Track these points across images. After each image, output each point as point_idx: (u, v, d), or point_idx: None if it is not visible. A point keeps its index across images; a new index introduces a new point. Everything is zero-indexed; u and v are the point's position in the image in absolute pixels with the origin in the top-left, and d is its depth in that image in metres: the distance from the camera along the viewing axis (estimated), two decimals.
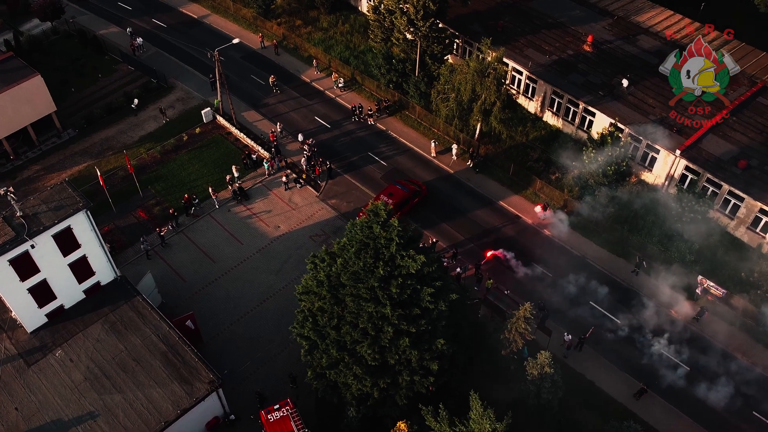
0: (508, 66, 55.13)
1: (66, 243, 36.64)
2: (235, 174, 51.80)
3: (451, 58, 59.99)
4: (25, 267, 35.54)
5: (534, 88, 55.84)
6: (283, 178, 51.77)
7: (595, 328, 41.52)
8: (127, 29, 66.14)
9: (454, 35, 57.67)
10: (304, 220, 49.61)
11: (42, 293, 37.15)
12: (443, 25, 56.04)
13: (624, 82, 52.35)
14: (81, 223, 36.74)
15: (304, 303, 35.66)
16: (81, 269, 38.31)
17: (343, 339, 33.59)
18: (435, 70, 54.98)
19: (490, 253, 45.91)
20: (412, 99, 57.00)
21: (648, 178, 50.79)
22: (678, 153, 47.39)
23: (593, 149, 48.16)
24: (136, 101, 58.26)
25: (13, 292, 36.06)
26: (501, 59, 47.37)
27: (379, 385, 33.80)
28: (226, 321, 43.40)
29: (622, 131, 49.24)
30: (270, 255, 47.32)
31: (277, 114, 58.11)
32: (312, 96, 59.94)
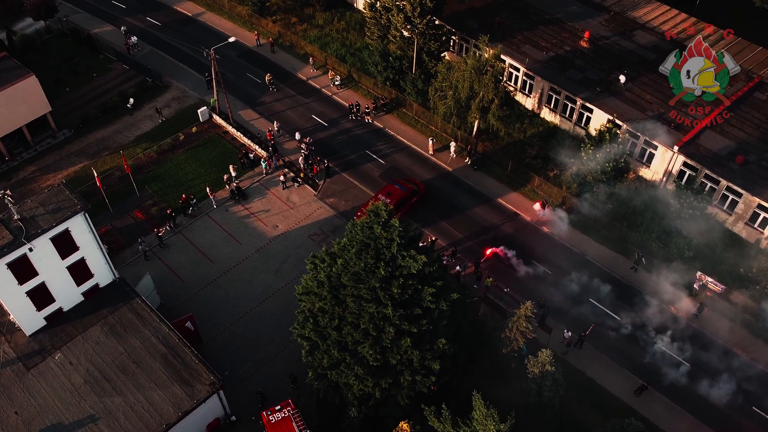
0: (505, 63, 55.04)
1: (64, 245, 36.40)
2: (233, 173, 51.59)
3: (448, 54, 59.84)
4: (24, 270, 35.32)
5: (531, 84, 55.75)
6: (281, 177, 51.59)
7: (595, 325, 41.54)
8: (122, 28, 65.73)
9: (450, 32, 57.48)
10: (302, 219, 49.46)
11: (40, 296, 36.94)
12: (440, 22, 55.91)
13: (621, 78, 52.31)
14: (79, 226, 36.51)
15: (304, 303, 35.56)
16: (79, 272, 38.09)
17: (345, 339, 33.53)
18: (432, 67, 54.81)
19: (489, 251, 45.88)
20: (409, 96, 56.82)
21: (646, 174, 50.82)
22: (676, 149, 47.42)
23: (591, 146, 48.18)
24: (131, 101, 57.90)
25: (12, 295, 35.82)
26: (499, 56, 47.24)
27: (381, 385, 33.77)
28: (225, 321, 43.26)
29: (619, 128, 49.24)
30: (269, 255, 47.16)
31: (274, 112, 57.86)
32: (308, 94, 59.70)
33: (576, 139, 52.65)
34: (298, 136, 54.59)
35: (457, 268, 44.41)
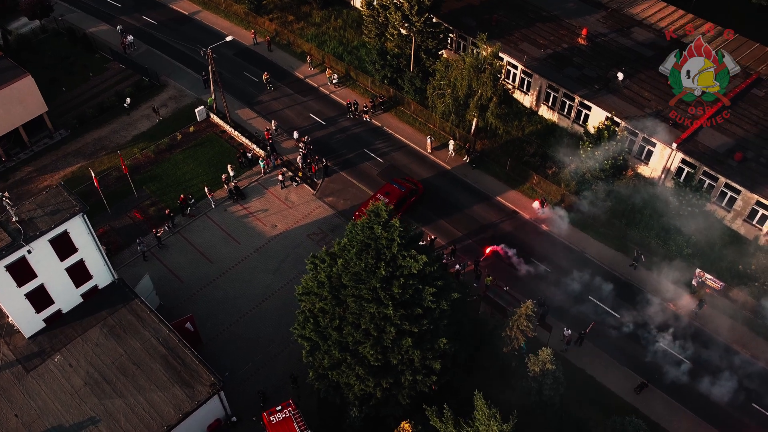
0: (503, 60, 54.92)
1: (63, 247, 36.25)
2: (231, 173, 51.43)
3: (446, 52, 59.71)
4: (22, 272, 35.16)
5: (529, 82, 55.70)
6: (279, 176, 51.45)
7: (595, 323, 41.57)
8: (117, 27, 65.38)
9: (448, 30, 57.37)
10: (301, 218, 49.36)
11: (39, 298, 36.78)
12: (437, 20, 55.77)
13: (619, 75, 52.31)
14: (77, 227, 36.35)
15: (304, 304, 35.50)
16: (78, 273, 37.94)
17: (345, 340, 33.49)
18: (430, 65, 54.72)
19: (489, 250, 45.86)
20: (407, 95, 56.71)
21: (644, 171, 50.84)
22: (674, 146, 47.45)
23: (590, 143, 48.15)
24: (128, 100, 57.62)
25: (10, 297, 35.66)
26: (497, 54, 47.16)
27: (382, 385, 33.75)
28: (225, 322, 43.17)
29: (618, 125, 49.25)
30: (267, 254, 47.06)
31: (272, 111, 57.68)
32: (306, 93, 59.52)
33: (574, 137, 52.61)
34: (296, 135, 54.43)
35: (457, 266, 44.39)
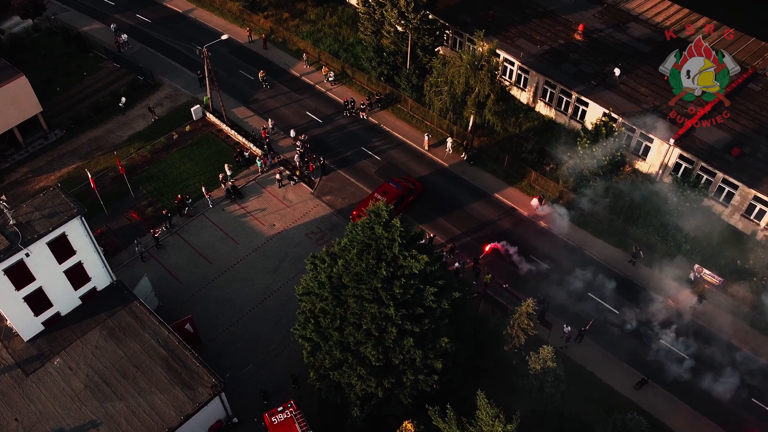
0: (499, 57, 54.85)
1: (61, 250, 36.07)
2: (228, 172, 51.20)
3: (442, 49, 59.51)
4: (20, 276, 34.98)
5: (526, 78, 55.61)
6: (277, 175, 51.25)
7: (595, 320, 41.63)
8: (111, 25, 64.92)
9: (444, 26, 57.18)
10: (299, 217, 49.21)
11: (38, 301, 36.62)
12: (433, 17, 55.57)
13: (616, 71, 52.27)
14: (75, 230, 36.17)
15: (304, 304, 35.41)
16: (77, 276, 37.78)
17: (347, 340, 33.43)
18: (426, 62, 54.57)
19: (488, 247, 45.82)
20: (404, 92, 56.55)
21: (642, 167, 50.88)
22: (672, 142, 47.49)
23: (587, 140, 48.14)
24: (123, 100, 57.26)
25: (9, 301, 35.48)
26: (494, 51, 47.04)
27: (384, 385, 33.72)
28: (224, 322, 43.05)
29: (615, 121, 49.25)
30: (266, 254, 46.92)
31: (268, 110, 57.44)
32: (302, 90, 59.29)
33: (572, 133, 52.61)
34: (293, 133, 54.22)
35: (456, 264, 44.35)
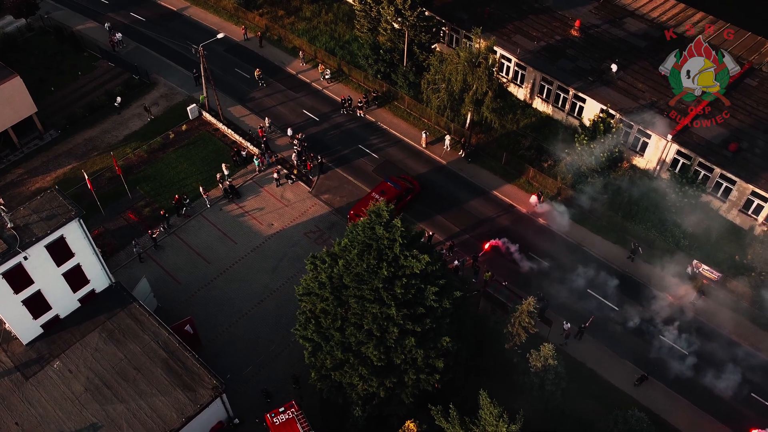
0: (496, 54, 54.74)
1: (59, 253, 35.82)
2: (225, 172, 50.99)
3: (438, 46, 59.38)
4: (19, 279, 34.72)
5: (523, 74, 55.54)
6: (274, 174, 51.07)
7: (594, 316, 41.70)
8: (105, 24, 64.48)
9: (441, 23, 57.04)
10: (297, 216, 49.06)
11: (36, 304, 36.37)
12: (430, 14, 55.41)
13: (613, 67, 52.27)
14: (74, 232, 35.92)
15: (304, 304, 35.32)
16: (75, 278, 37.54)
17: (348, 340, 33.36)
18: (423, 59, 54.42)
19: (488, 245, 45.80)
20: (401, 89, 56.39)
21: (640, 163, 50.92)
22: (669, 138, 47.52)
23: (585, 136, 48.13)
24: (119, 99, 56.89)
25: (7, 304, 35.20)
26: (492, 48, 46.94)
27: (385, 385, 33.70)
28: (224, 323, 42.91)
29: (612, 117, 49.24)
30: (265, 253, 46.78)
31: (265, 108, 57.20)
32: (299, 89, 59.05)
33: (569, 130, 52.58)
34: (290, 132, 54.02)
35: (456, 262, 44.32)
